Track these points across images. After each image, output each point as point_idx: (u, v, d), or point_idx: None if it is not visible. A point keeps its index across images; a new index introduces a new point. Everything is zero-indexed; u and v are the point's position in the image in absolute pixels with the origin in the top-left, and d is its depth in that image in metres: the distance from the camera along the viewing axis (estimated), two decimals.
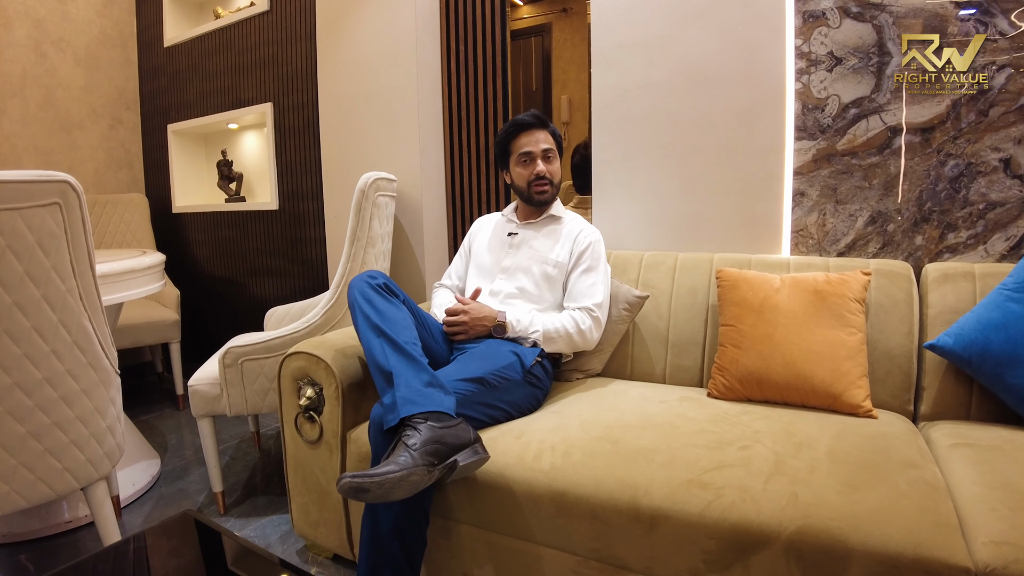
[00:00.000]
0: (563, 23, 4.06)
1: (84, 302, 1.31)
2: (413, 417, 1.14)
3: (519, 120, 1.76)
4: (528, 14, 4.32)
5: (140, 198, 3.39)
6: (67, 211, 1.23)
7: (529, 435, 1.33)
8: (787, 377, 1.46)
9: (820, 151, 1.78)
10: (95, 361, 1.36)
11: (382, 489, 1.00)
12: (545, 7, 4.20)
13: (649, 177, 1.99)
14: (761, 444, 1.24)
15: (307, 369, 1.49)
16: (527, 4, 4.33)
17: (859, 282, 1.54)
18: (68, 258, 1.25)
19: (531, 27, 4.30)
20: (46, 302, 1.20)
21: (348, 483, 0.99)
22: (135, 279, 1.94)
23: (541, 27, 4.27)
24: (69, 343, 1.28)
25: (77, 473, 1.35)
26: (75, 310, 1.28)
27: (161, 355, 3.48)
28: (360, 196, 1.91)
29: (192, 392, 1.84)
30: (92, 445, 1.38)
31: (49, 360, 1.23)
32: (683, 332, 1.75)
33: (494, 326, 1.60)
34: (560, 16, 4.12)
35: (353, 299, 1.39)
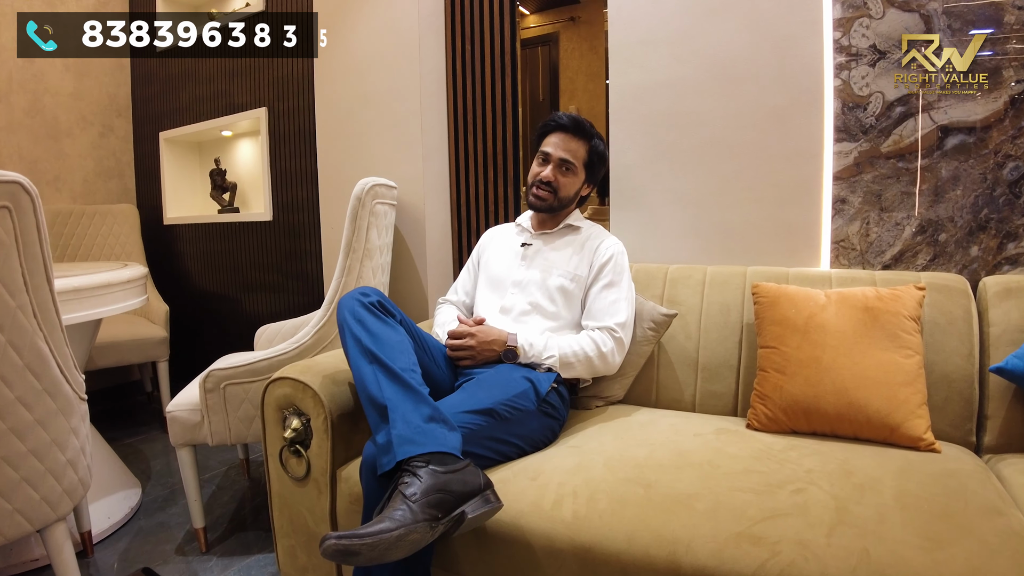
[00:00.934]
0: (571, 32, 3.95)
1: (39, 320, 1.14)
2: (412, 460, 0.97)
3: (557, 118, 1.61)
4: (535, 23, 4.21)
5: (130, 209, 3.24)
6: (18, 216, 1.07)
7: (546, 476, 1.15)
8: (838, 406, 1.29)
9: (862, 153, 1.61)
10: (52, 387, 1.20)
11: (375, 552, 0.83)
12: (552, 16, 4.09)
13: (673, 183, 1.82)
14: (817, 487, 1.06)
15: (292, 397, 1.32)
16: (534, 13, 4.22)
17: (913, 298, 1.37)
18: (19, 270, 1.09)
19: (538, 36, 4.20)
20: None
21: (334, 546, 0.82)
22: (112, 294, 1.78)
23: (548, 36, 4.16)
24: (20, 367, 1.11)
25: (31, 514, 1.18)
26: (27, 329, 1.12)
27: (150, 373, 3.31)
28: (356, 204, 1.75)
29: (171, 419, 1.67)
30: (49, 482, 1.21)
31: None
32: (715, 354, 1.57)
33: (504, 351, 1.43)
34: (568, 25, 4.01)
35: (342, 319, 1.22)
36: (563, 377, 1.44)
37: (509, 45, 2.20)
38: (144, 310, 3.03)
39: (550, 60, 4.12)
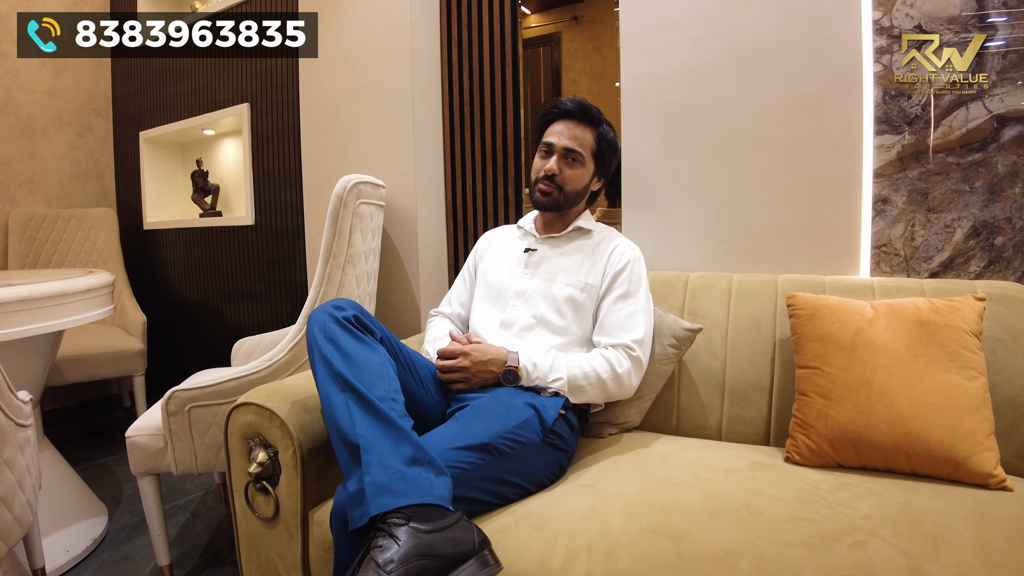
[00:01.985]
0: (573, 32, 3.80)
1: None
2: (388, 515, 0.78)
3: (560, 103, 1.43)
4: (537, 23, 4.05)
5: (108, 213, 3.06)
6: None
7: (555, 525, 0.97)
8: (893, 437, 1.10)
9: (907, 147, 1.43)
10: None
11: None
12: (555, 16, 3.93)
13: (693, 181, 1.64)
14: (880, 538, 0.88)
15: (258, 426, 1.14)
16: (536, 13, 4.07)
17: (974, 310, 1.19)
18: None
19: (540, 36, 4.04)
20: None
21: None
22: (68, 304, 1.60)
23: (550, 36, 4.00)
24: None
25: None
26: None
27: (129, 387, 3.12)
28: (337, 204, 1.57)
29: (130, 445, 1.49)
30: None
31: None
32: (744, 374, 1.39)
33: (503, 372, 1.24)
34: (570, 25, 3.85)
35: (311, 338, 1.04)
36: (574, 400, 1.25)
37: (510, 42, 2.02)
38: (121, 320, 2.84)
39: (552, 61, 3.96)
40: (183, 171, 3.15)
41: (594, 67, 3.42)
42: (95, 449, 2.64)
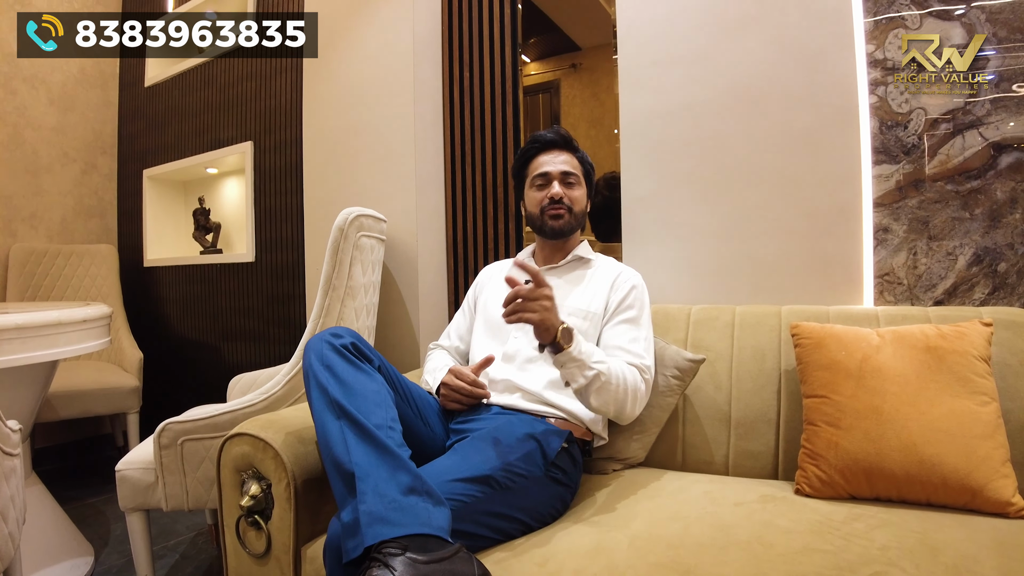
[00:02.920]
0: (572, 79, 3.88)
1: None
2: (384, 545, 0.75)
3: (539, 137, 1.45)
4: (536, 71, 4.16)
5: (109, 249, 3.07)
6: None
7: (558, 560, 0.92)
8: (906, 465, 1.07)
9: (905, 176, 1.44)
10: None
11: None
12: (553, 64, 4.03)
13: (693, 215, 1.65)
14: (898, 569, 0.85)
15: (252, 457, 1.11)
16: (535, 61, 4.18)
17: (981, 335, 1.17)
18: None
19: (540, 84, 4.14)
20: None
21: None
22: (64, 334, 1.58)
23: (549, 84, 4.09)
24: None
25: None
26: None
27: (123, 426, 3.06)
28: (338, 235, 1.57)
29: (120, 479, 1.45)
30: None
31: None
32: (749, 407, 1.36)
33: (562, 328, 1.10)
34: (569, 72, 3.94)
35: (308, 365, 1.01)
36: (592, 402, 1.17)
37: (511, 84, 2.07)
38: (117, 357, 2.81)
39: (552, 107, 4.04)
40: (185, 209, 3.17)
41: (592, 113, 3.49)
42: (85, 488, 2.57)
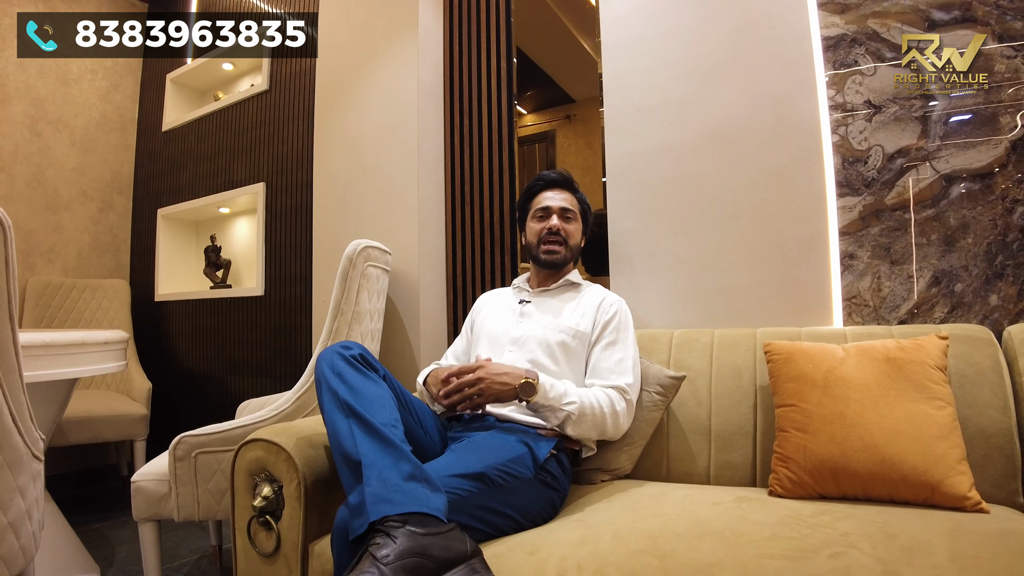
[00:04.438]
0: (567, 130, 4.09)
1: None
2: (387, 520, 0.84)
3: (544, 176, 1.62)
4: (533, 122, 4.38)
5: (121, 284, 3.20)
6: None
7: (546, 550, 1.01)
8: (869, 464, 1.16)
9: (867, 207, 1.57)
10: (1, 436, 1.08)
11: None
12: (549, 115, 4.25)
13: (674, 247, 1.77)
14: (858, 550, 0.93)
15: (265, 461, 1.20)
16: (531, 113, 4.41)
17: (937, 347, 1.27)
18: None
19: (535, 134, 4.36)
20: None
21: None
22: (86, 354, 1.68)
23: (545, 134, 4.31)
24: None
25: None
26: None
27: (128, 457, 3.12)
28: (347, 264, 1.69)
29: (135, 490, 1.53)
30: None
31: None
32: (728, 421, 1.45)
33: (521, 384, 1.24)
34: (564, 123, 4.16)
35: (320, 373, 1.12)
36: (571, 432, 1.30)
37: (507, 132, 2.24)
38: (126, 387, 2.90)
39: (547, 156, 4.25)
40: (196, 246, 3.31)
41: (586, 161, 3.68)
42: (89, 514, 2.62)
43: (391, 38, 2.28)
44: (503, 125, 2.23)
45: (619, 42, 1.89)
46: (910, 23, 1.58)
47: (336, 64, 2.46)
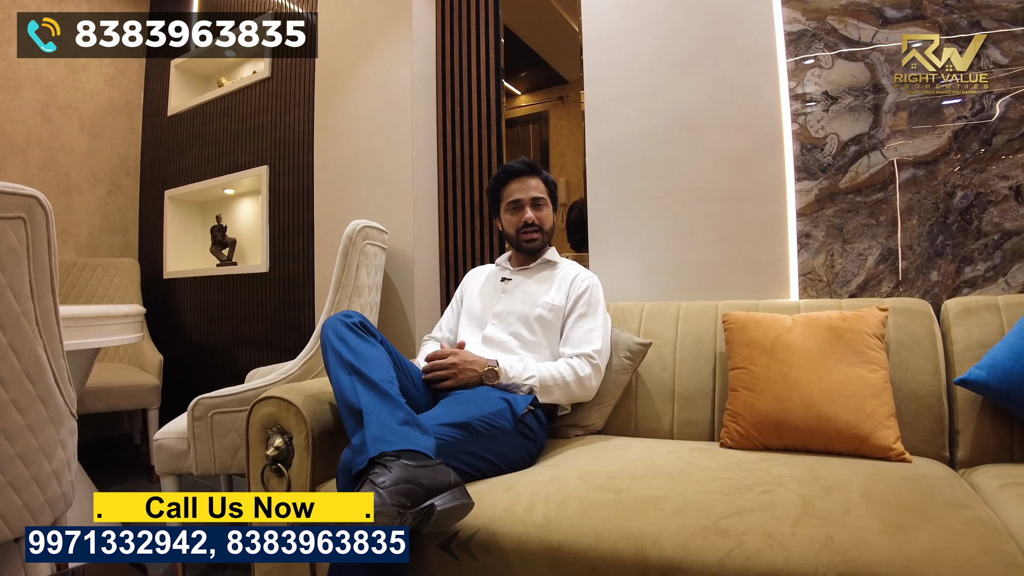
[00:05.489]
0: (560, 111, 4.21)
1: (40, 327, 1.20)
2: (384, 455, 1.00)
3: (509, 167, 1.74)
4: (526, 102, 4.48)
5: (131, 262, 3.35)
6: (32, 228, 1.16)
7: (520, 487, 1.17)
8: (807, 420, 1.33)
9: (823, 190, 1.72)
10: (46, 394, 1.24)
11: None
12: (542, 96, 4.37)
13: (646, 227, 1.93)
14: (784, 488, 1.09)
15: (277, 416, 1.36)
16: (525, 93, 4.51)
17: (876, 317, 1.43)
18: (27, 277, 1.16)
19: (529, 115, 4.47)
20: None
21: None
22: (108, 326, 1.84)
23: (539, 115, 4.42)
24: (17, 370, 1.16)
25: (11, 519, 1.19)
26: (28, 334, 1.17)
27: (140, 427, 3.31)
28: (347, 243, 1.84)
29: (157, 447, 1.70)
30: (32, 489, 1.23)
31: None
32: (690, 383, 1.62)
33: (484, 371, 1.47)
34: (557, 104, 4.27)
35: (325, 338, 1.28)
36: (543, 400, 1.48)
37: (495, 117, 2.37)
38: (138, 359, 3.07)
39: (541, 136, 4.37)
40: (203, 226, 3.46)
41: (578, 142, 3.80)
42: (108, 479, 2.80)
43: (386, 30, 2.41)
44: (491, 111, 2.36)
45: (599, 34, 2.02)
46: (865, 20, 1.71)
47: (335, 55, 2.59)
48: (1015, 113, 1.55)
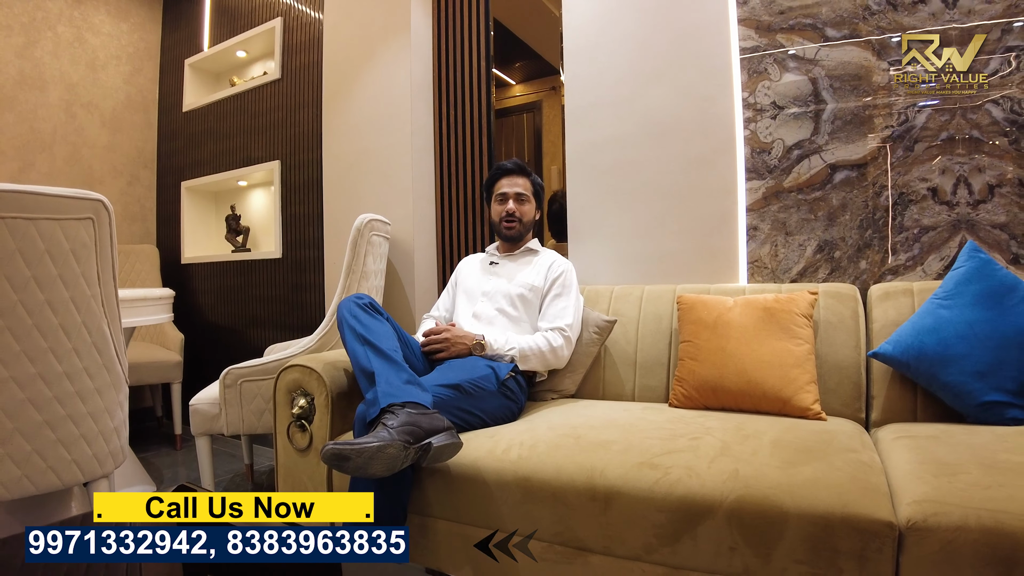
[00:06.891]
0: (552, 100, 4.42)
1: (105, 308, 1.47)
2: (392, 406, 1.28)
3: (502, 166, 2.01)
4: (520, 92, 4.69)
5: (151, 249, 3.61)
6: (98, 226, 1.41)
7: (500, 435, 1.45)
8: (740, 384, 1.60)
9: (769, 189, 1.97)
10: (109, 364, 1.51)
11: (361, 459, 1.13)
12: (536, 86, 4.58)
13: (617, 220, 2.18)
14: (711, 436, 1.35)
15: (300, 380, 1.63)
16: (519, 83, 4.71)
17: (806, 300, 1.69)
18: (95, 267, 1.42)
19: (523, 104, 4.67)
20: (73, 303, 1.36)
21: (331, 450, 1.12)
22: (147, 307, 2.11)
23: (532, 104, 4.63)
24: (89, 343, 1.43)
25: (84, 466, 1.46)
26: (96, 314, 1.44)
27: (161, 400, 3.59)
28: (356, 234, 2.10)
29: (192, 411, 1.96)
30: (99, 442, 1.50)
31: (70, 357, 1.38)
32: (649, 355, 1.89)
33: (472, 345, 1.74)
34: (550, 94, 4.48)
35: (341, 316, 1.54)
36: (523, 368, 1.75)
37: (486, 117, 2.61)
38: (160, 339, 3.34)
39: (534, 125, 4.58)
40: (217, 215, 3.71)
41: None
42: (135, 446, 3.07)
43: (387, 38, 2.65)
44: (483, 110, 2.61)
45: (578, 47, 2.26)
46: (809, 39, 1.95)
47: (339, 60, 2.83)
48: (934, 123, 1.79)
